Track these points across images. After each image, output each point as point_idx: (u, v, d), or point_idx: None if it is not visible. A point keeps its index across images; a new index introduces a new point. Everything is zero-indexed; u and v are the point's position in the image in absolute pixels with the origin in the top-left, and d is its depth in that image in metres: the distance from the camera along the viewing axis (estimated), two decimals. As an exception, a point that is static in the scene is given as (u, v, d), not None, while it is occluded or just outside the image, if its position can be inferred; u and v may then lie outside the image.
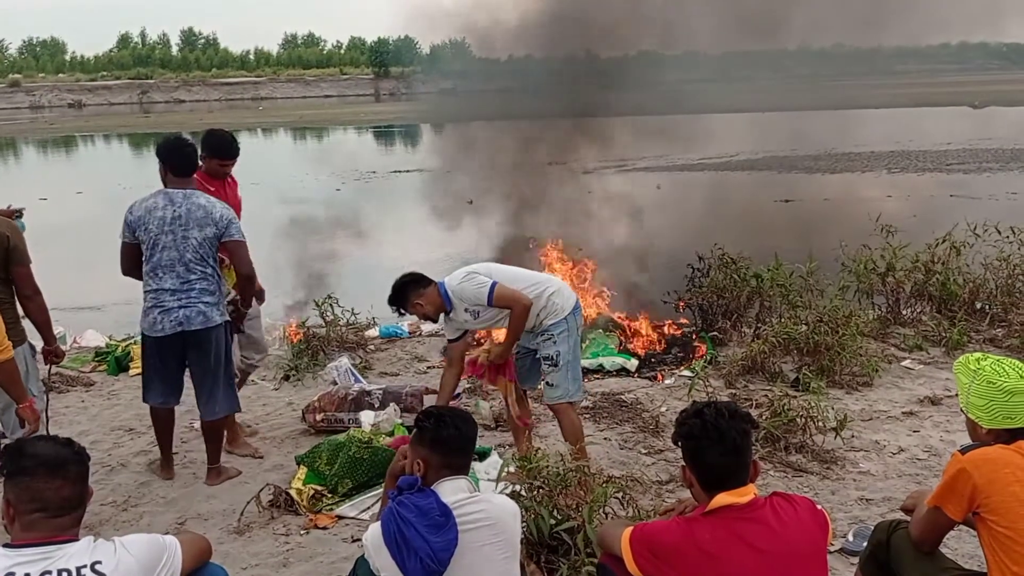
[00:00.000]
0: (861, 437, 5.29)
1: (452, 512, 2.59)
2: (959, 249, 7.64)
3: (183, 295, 4.57)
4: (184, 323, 4.57)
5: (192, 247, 4.55)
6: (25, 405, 3.89)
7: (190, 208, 4.55)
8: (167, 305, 4.57)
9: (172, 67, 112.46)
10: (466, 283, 4.50)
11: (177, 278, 4.56)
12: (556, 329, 4.56)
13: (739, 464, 2.46)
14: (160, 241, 4.54)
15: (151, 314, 4.61)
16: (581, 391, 4.75)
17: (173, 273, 4.56)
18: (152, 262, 4.58)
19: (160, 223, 4.54)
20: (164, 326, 4.58)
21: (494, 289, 4.43)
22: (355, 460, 4.58)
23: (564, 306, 4.58)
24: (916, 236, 8.04)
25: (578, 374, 4.67)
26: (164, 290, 4.56)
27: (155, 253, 4.56)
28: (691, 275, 7.73)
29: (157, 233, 4.54)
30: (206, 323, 4.61)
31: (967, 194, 16.93)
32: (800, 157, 24.33)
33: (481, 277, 4.48)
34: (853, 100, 42.53)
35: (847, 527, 4.15)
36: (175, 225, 4.54)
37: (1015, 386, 2.64)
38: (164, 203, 4.57)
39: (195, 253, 4.56)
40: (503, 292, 4.44)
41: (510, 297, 4.44)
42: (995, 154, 23.52)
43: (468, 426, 2.84)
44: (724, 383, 6.26)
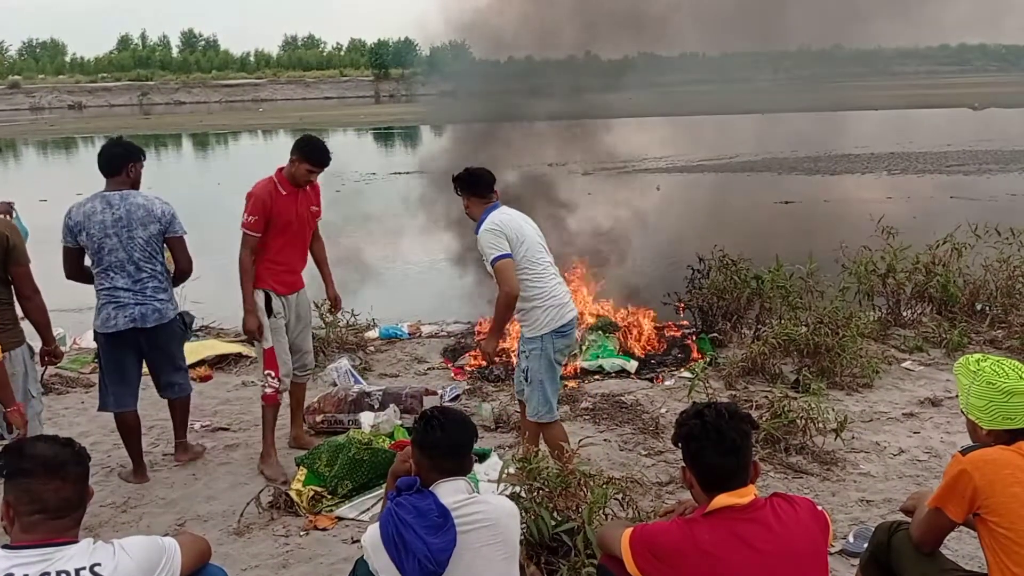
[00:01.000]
0: (861, 438, 5.29)
1: (451, 513, 2.59)
2: (960, 251, 7.64)
3: (137, 293, 4.70)
4: (139, 320, 4.70)
5: (139, 246, 4.67)
6: (12, 409, 3.88)
7: (129, 208, 4.66)
8: (122, 300, 4.68)
9: (172, 69, 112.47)
10: (487, 234, 4.39)
11: (128, 277, 4.68)
12: (528, 345, 4.50)
13: (739, 465, 2.45)
14: (105, 244, 4.64)
15: (104, 310, 4.72)
16: (551, 414, 4.54)
17: (124, 272, 4.67)
18: (102, 265, 4.67)
19: (101, 226, 4.62)
20: (118, 321, 4.69)
21: (498, 261, 4.33)
22: (355, 461, 4.57)
23: (544, 323, 4.43)
24: (916, 238, 8.05)
25: (548, 397, 4.50)
26: (117, 288, 4.68)
27: (103, 256, 4.66)
28: (691, 276, 7.73)
29: (101, 237, 4.63)
30: (160, 319, 4.78)
31: (967, 196, 16.94)
32: (800, 159, 24.34)
33: (502, 242, 4.34)
34: (853, 101, 42.55)
35: (847, 528, 4.14)
36: (118, 227, 4.64)
37: (1014, 387, 2.64)
38: (102, 206, 4.65)
39: (143, 252, 4.69)
40: (503, 269, 4.32)
41: (503, 279, 4.33)
42: (995, 156, 23.53)
43: (458, 430, 2.76)
44: (724, 384, 6.26)
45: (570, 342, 4.64)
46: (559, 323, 4.45)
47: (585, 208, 12.56)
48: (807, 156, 24.73)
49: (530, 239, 4.48)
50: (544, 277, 4.49)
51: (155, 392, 6.61)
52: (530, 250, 4.44)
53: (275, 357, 4.96)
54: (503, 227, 4.39)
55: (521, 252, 4.40)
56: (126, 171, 4.76)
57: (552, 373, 4.51)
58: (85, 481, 2.41)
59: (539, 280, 4.46)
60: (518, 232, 4.42)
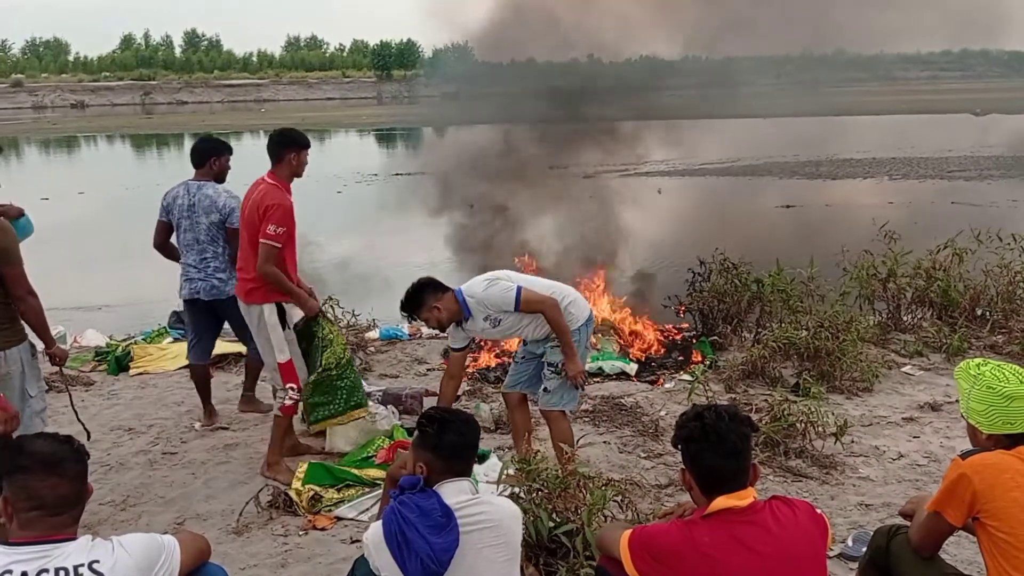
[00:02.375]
0: (861, 442, 5.28)
1: (454, 513, 2.59)
2: (961, 256, 7.64)
3: (200, 270, 5.51)
4: (199, 292, 5.53)
5: (203, 230, 5.48)
6: None
7: (200, 198, 5.48)
8: (189, 275, 5.54)
9: (175, 68, 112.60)
10: (492, 289, 4.43)
11: (196, 255, 5.50)
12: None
13: (739, 467, 2.45)
14: (181, 224, 5.53)
15: (181, 281, 5.61)
16: (576, 401, 4.72)
17: (193, 251, 5.50)
18: (180, 242, 5.58)
19: (179, 209, 5.52)
20: (184, 291, 5.59)
21: (520, 294, 4.37)
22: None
23: (578, 316, 4.55)
24: (917, 243, 8.05)
25: (576, 392, 4.64)
26: (188, 263, 5.55)
27: (180, 235, 5.56)
28: (692, 279, 7.73)
29: (179, 218, 5.52)
30: (217, 295, 5.51)
31: (968, 201, 16.95)
32: (802, 163, 24.36)
33: (505, 282, 4.42)
34: (855, 106, 42.55)
35: (846, 532, 4.14)
36: (190, 212, 5.49)
37: (1015, 391, 2.64)
38: (183, 192, 5.54)
39: (207, 235, 5.48)
40: (530, 296, 4.38)
41: (538, 300, 4.39)
42: (996, 161, 23.55)
43: (472, 431, 2.83)
44: (724, 387, 6.25)
45: (590, 335, 4.74)
46: (587, 312, 4.62)
47: (586, 211, 12.57)
48: (809, 160, 24.75)
49: (513, 275, 4.62)
50: (553, 284, 4.65)
51: (154, 391, 6.63)
52: (525, 279, 4.61)
53: (294, 369, 4.87)
54: (491, 279, 4.49)
55: (521, 283, 4.48)
56: (210, 164, 5.58)
57: (582, 363, 4.61)
58: (83, 478, 2.40)
59: (553, 287, 4.60)
60: (505, 276, 4.56)
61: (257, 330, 4.85)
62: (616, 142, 14.81)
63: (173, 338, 7.83)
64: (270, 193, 4.69)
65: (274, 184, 4.74)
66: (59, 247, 5.26)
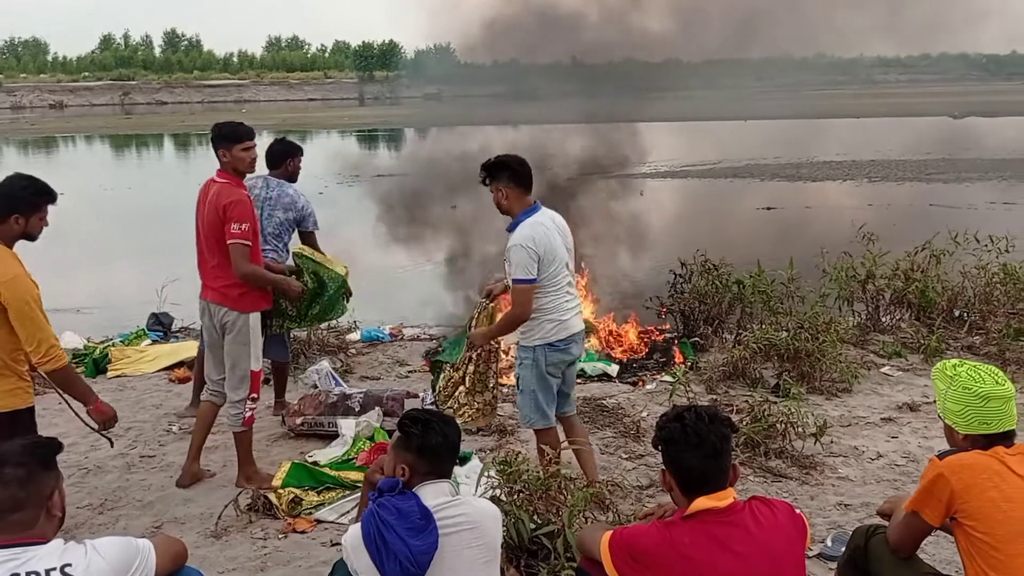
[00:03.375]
0: (840, 443, 5.32)
1: (433, 515, 2.58)
2: (939, 257, 7.71)
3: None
4: None
5: (276, 224, 5.67)
6: (92, 408, 3.93)
7: (280, 194, 5.70)
8: None
9: (154, 69, 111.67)
10: (520, 251, 4.17)
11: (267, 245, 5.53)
12: (521, 353, 4.41)
13: (718, 468, 2.46)
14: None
15: None
16: (545, 420, 4.39)
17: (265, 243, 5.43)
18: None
19: (256, 200, 5.35)
20: None
21: (521, 284, 4.19)
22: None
23: (539, 336, 4.30)
24: (896, 244, 8.12)
25: (540, 405, 4.37)
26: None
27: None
28: (673, 281, 7.76)
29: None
30: None
31: (946, 203, 17.11)
32: (782, 165, 24.49)
33: (532, 265, 4.17)
34: (835, 109, 42.87)
35: (826, 532, 4.16)
36: (266, 204, 5.66)
37: (990, 391, 2.66)
38: (262, 184, 5.68)
39: (276, 229, 5.67)
40: (522, 292, 4.20)
41: (519, 301, 4.23)
42: (974, 164, 23.77)
43: (453, 432, 2.82)
44: (705, 388, 6.28)
45: (567, 357, 4.41)
46: (554, 338, 4.30)
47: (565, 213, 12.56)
48: (790, 162, 24.90)
49: (559, 257, 4.28)
50: (556, 293, 4.31)
51: (132, 394, 6.56)
52: (555, 269, 4.28)
53: (259, 381, 4.76)
54: (538, 247, 4.19)
55: (546, 271, 4.24)
56: (285, 165, 5.78)
57: (544, 384, 4.36)
58: (31, 483, 2.32)
59: (549, 295, 4.29)
60: (549, 250, 4.23)
61: (236, 336, 4.63)
62: (597, 144, 14.84)
63: (151, 340, 7.77)
64: (224, 191, 4.53)
65: (226, 182, 4.60)
66: (35, 248, 5.19)
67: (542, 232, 4.23)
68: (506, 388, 6.44)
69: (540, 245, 4.19)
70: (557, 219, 4.42)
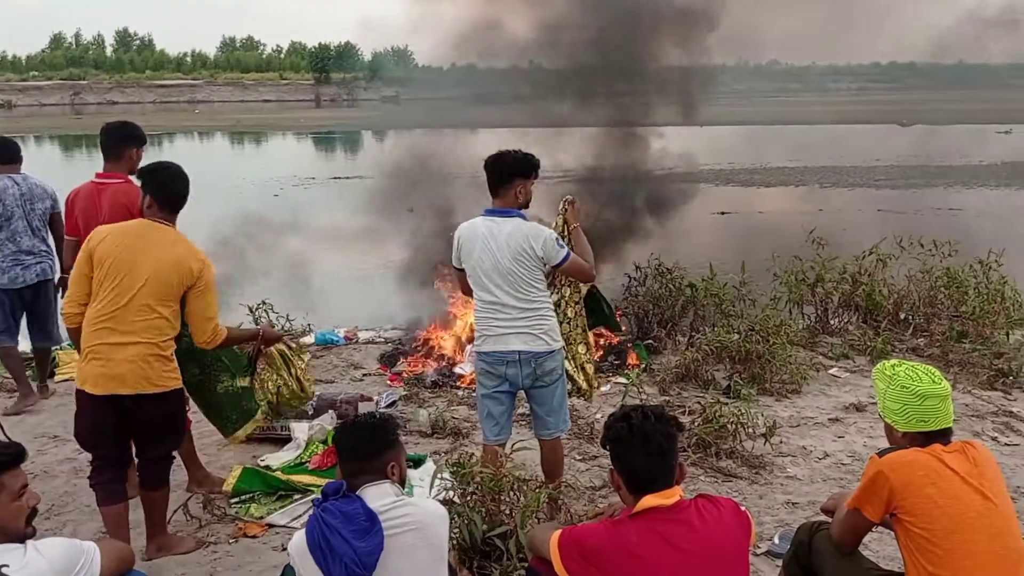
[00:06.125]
0: (789, 443, 5.42)
1: (378, 517, 2.59)
2: (885, 261, 7.89)
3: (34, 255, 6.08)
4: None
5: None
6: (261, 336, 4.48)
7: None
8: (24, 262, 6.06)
9: (106, 68, 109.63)
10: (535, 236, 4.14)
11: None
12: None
13: (665, 467, 2.50)
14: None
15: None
16: (490, 437, 4.25)
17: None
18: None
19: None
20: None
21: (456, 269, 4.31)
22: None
23: (477, 343, 4.28)
24: (845, 249, 8.29)
25: (482, 416, 4.31)
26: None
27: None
28: (628, 284, 7.84)
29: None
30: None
31: (894, 209, 17.51)
32: (737, 170, 24.83)
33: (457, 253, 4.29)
34: (788, 116, 43.57)
35: (774, 530, 4.24)
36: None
37: (927, 390, 2.74)
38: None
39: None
40: (459, 279, 4.34)
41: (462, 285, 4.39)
42: (921, 171, 24.35)
43: (367, 434, 2.78)
44: (658, 390, 6.35)
45: (495, 372, 4.19)
46: (491, 344, 4.20)
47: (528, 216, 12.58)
48: (743, 168, 25.25)
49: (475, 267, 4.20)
50: (481, 307, 4.25)
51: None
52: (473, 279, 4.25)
53: None
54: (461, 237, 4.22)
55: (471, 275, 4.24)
56: (128, 155, 4.80)
57: (483, 392, 4.26)
58: None
59: (481, 296, 4.23)
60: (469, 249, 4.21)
61: None
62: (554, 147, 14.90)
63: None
64: (132, 191, 4.38)
65: (122, 181, 4.50)
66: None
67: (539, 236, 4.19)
68: (462, 391, 6.47)
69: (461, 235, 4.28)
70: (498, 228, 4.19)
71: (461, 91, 18.35)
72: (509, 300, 4.13)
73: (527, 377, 4.17)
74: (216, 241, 10.89)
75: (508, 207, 4.19)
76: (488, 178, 4.26)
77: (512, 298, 4.13)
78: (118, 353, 3.65)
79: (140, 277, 3.68)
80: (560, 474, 4.34)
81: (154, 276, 3.69)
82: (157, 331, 3.72)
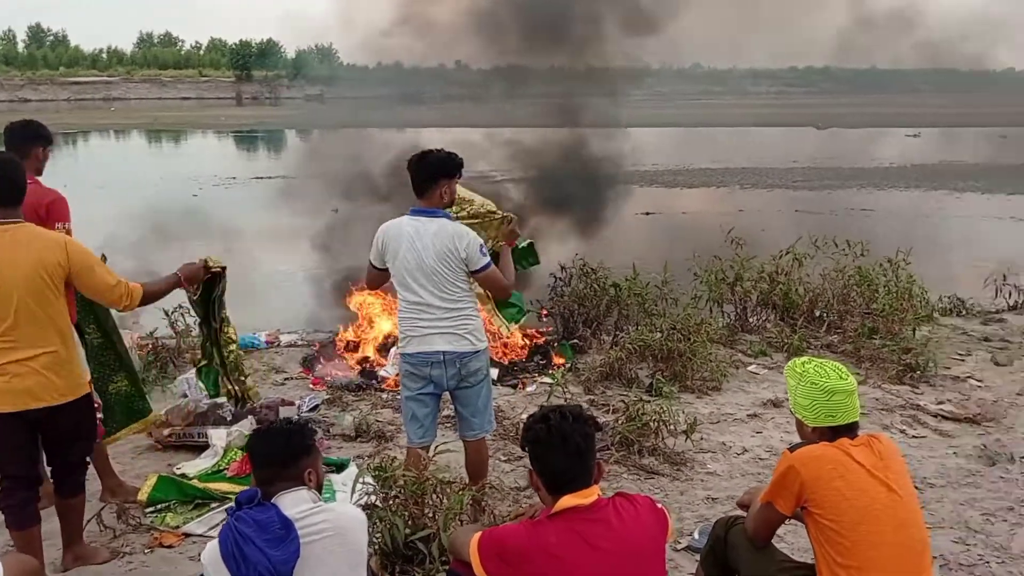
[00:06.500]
0: (709, 439, 5.53)
1: (294, 524, 2.55)
2: (801, 261, 8.12)
3: None
4: None
5: None
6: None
7: None
8: None
9: (17, 64, 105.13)
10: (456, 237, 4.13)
11: None
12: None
13: (583, 467, 2.52)
14: None
15: None
16: (414, 440, 4.22)
17: None
18: None
19: None
20: None
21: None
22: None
23: (402, 344, 4.24)
24: (764, 248, 8.51)
25: (407, 420, 4.27)
26: None
27: None
28: (554, 284, 7.89)
29: None
30: None
31: (811, 209, 18.07)
32: (661, 171, 25.25)
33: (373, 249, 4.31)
34: (710, 118, 44.49)
35: (694, 526, 4.32)
36: None
37: (835, 386, 2.83)
38: None
39: None
40: (371, 276, 4.37)
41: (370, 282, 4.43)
42: (836, 172, 25.17)
43: (273, 441, 2.77)
44: (583, 389, 6.41)
45: (419, 373, 4.17)
46: (414, 346, 4.18)
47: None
48: (668, 169, 25.70)
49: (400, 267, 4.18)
50: (405, 308, 4.22)
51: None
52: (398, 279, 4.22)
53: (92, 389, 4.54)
54: (449, 249, 4.12)
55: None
56: (35, 154, 4.61)
57: (407, 394, 4.23)
58: None
59: (406, 296, 4.20)
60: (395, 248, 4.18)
61: None
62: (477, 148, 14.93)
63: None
64: (39, 190, 4.22)
65: (33, 182, 4.24)
66: None
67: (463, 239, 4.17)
68: (386, 394, 6.42)
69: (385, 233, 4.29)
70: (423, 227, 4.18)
71: (387, 90, 18.26)
72: (433, 300, 4.12)
73: (452, 378, 4.18)
74: (128, 242, 10.59)
75: (433, 207, 4.19)
76: (412, 178, 4.24)
77: (436, 298, 4.12)
78: (23, 368, 3.50)
79: (12, 291, 3.46)
80: (485, 475, 4.34)
81: (24, 284, 3.47)
82: (57, 333, 3.56)
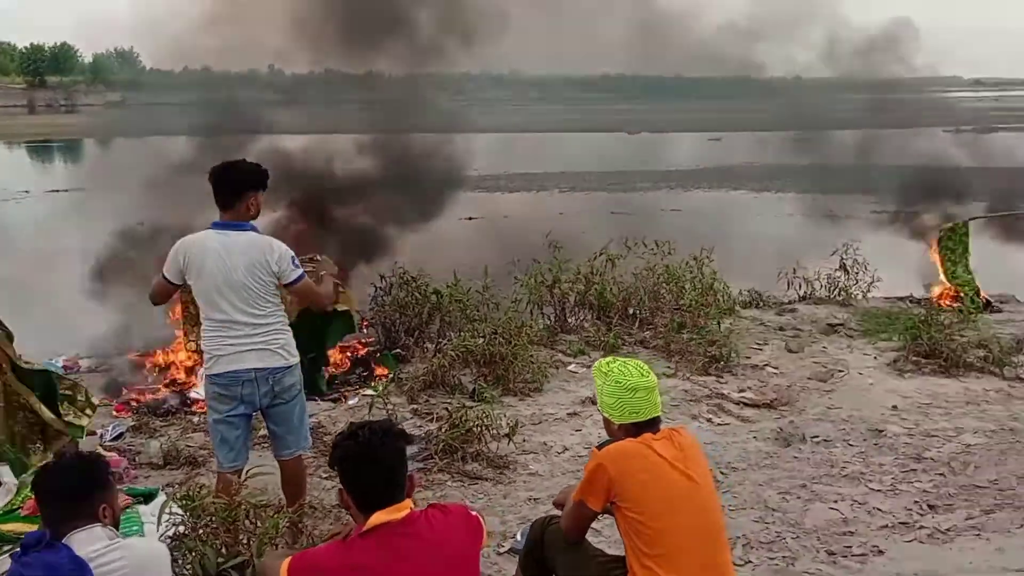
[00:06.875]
0: (531, 440, 5.63)
1: (88, 565, 2.38)
2: (614, 261, 8.44)
3: None
4: None
5: None
6: None
7: None
8: None
9: None
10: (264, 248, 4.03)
11: None
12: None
13: (394, 482, 2.49)
14: None
15: None
16: (225, 464, 4.06)
17: None
18: None
19: None
20: None
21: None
22: None
23: (208, 365, 4.08)
24: (583, 250, 8.77)
25: (217, 444, 4.12)
26: None
27: None
28: (374, 293, 7.79)
29: None
30: None
31: (624, 211, 18.87)
32: (483, 176, 25.54)
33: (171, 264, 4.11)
34: (528, 124, 45.48)
35: (517, 528, 4.37)
36: None
37: (637, 383, 2.96)
38: None
39: None
40: (160, 290, 4.21)
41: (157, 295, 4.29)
42: (646, 175, 26.44)
43: (63, 476, 2.62)
44: (407, 399, 6.36)
45: (228, 395, 4.02)
46: (223, 366, 4.01)
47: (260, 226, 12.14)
48: (489, 174, 26.03)
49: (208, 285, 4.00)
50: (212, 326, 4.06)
51: None
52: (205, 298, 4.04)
53: None
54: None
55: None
56: None
57: (215, 416, 4.06)
58: None
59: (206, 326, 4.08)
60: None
61: None
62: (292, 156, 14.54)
63: None
64: None
65: None
66: None
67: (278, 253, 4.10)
68: (197, 418, 6.11)
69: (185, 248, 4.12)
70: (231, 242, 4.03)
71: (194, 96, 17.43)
72: (241, 317, 3.98)
73: (265, 395, 4.04)
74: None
75: (240, 220, 4.05)
76: (217, 190, 4.08)
77: (245, 315, 3.98)
78: None
79: None
80: (303, 495, 4.21)
81: None
82: None
